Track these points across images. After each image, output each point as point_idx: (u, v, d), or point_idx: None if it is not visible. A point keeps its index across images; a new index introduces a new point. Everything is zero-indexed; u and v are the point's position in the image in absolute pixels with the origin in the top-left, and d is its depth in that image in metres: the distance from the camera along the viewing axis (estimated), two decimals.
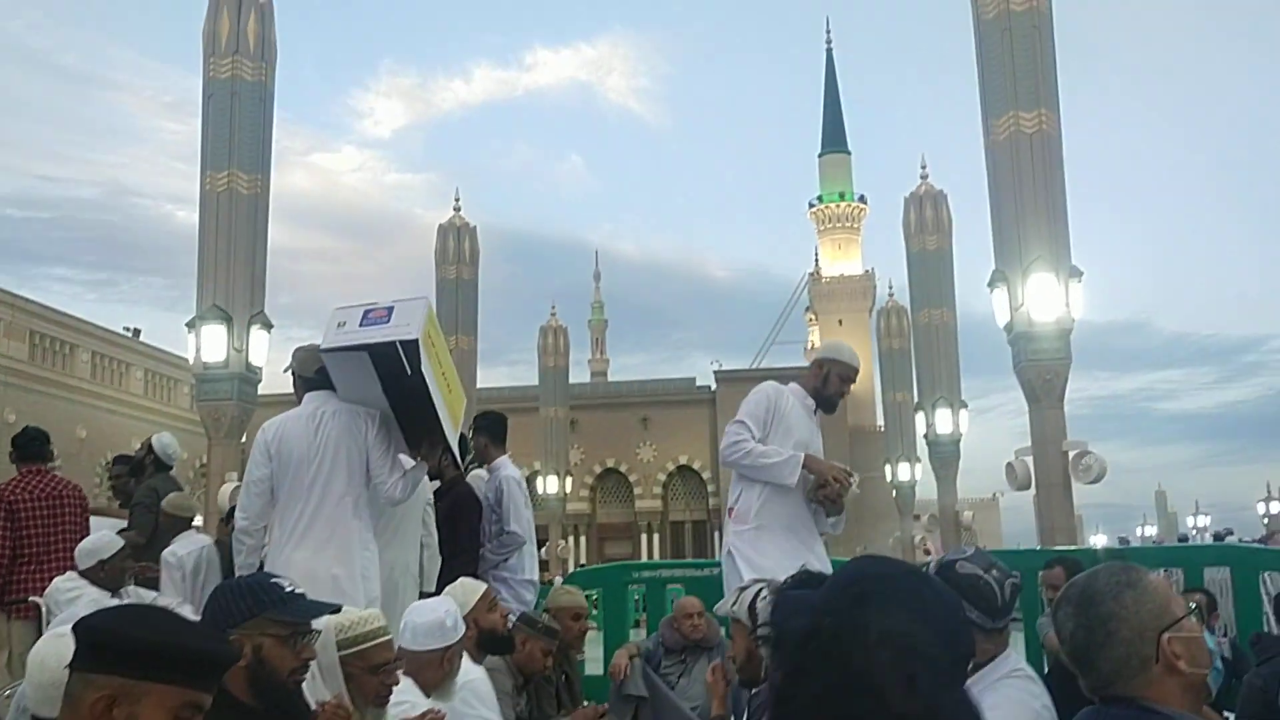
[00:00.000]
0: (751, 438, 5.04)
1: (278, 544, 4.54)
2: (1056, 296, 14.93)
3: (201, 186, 17.46)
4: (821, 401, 5.36)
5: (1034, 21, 15.72)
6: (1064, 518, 14.94)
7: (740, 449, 5.03)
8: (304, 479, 4.54)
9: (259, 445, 4.64)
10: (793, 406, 5.24)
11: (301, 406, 4.70)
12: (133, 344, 42.26)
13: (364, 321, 4.37)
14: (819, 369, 5.35)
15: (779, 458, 4.98)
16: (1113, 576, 2.03)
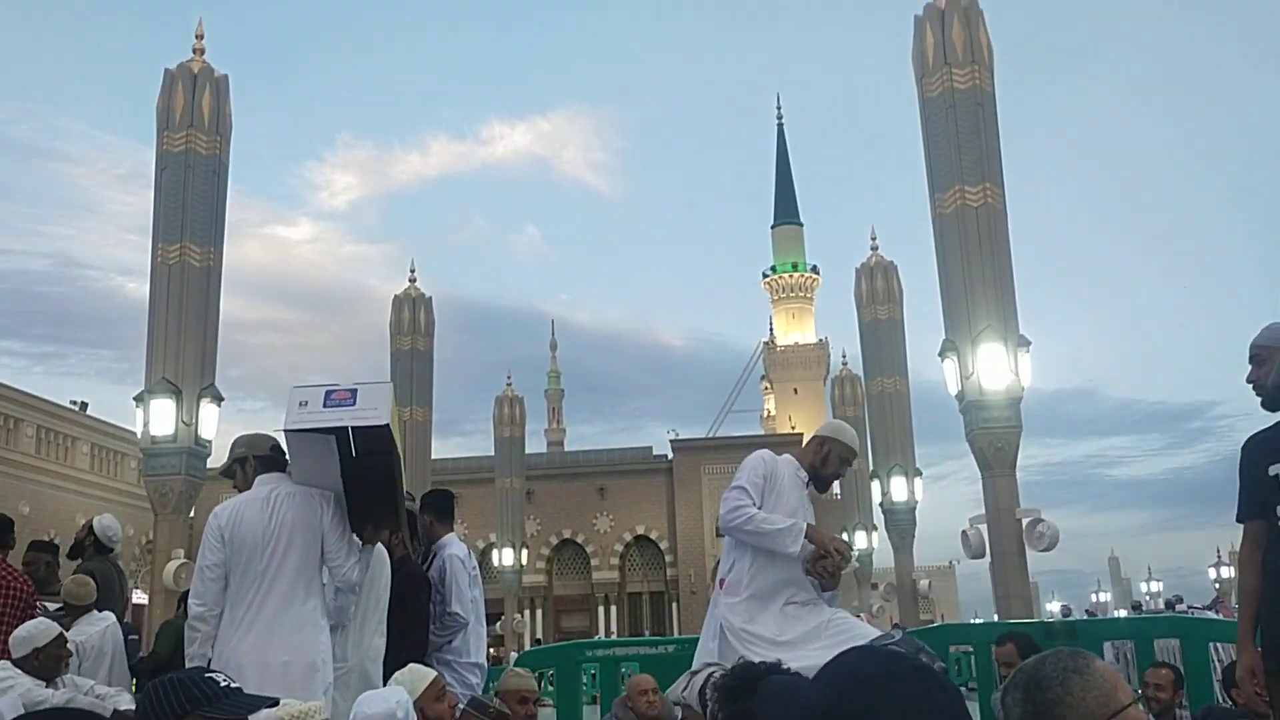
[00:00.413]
0: (752, 503, 4.96)
1: (227, 630, 4.42)
2: (1005, 365, 15.15)
3: (153, 259, 17.33)
4: (817, 479, 5.30)
5: (977, 99, 16.17)
6: (1019, 585, 15.00)
7: (742, 514, 4.93)
8: (258, 564, 4.45)
9: (212, 530, 4.54)
10: (787, 477, 5.18)
11: (255, 490, 4.62)
12: (79, 417, 41.46)
13: (327, 403, 4.33)
14: (820, 446, 5.28)
15: (781, 525, 4.91)
16: (1060, 662, 2.03)
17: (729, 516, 4.96)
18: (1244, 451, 3.94)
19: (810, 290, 70.51)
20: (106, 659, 5.94)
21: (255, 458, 4.73)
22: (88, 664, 5.86)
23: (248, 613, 4.42)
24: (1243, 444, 3.99)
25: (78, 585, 6.82)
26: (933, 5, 16.75)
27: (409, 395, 28.47)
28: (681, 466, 53.01)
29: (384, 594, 5.47)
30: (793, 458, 5.28)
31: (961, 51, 16.27)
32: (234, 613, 4.44)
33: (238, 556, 4.46)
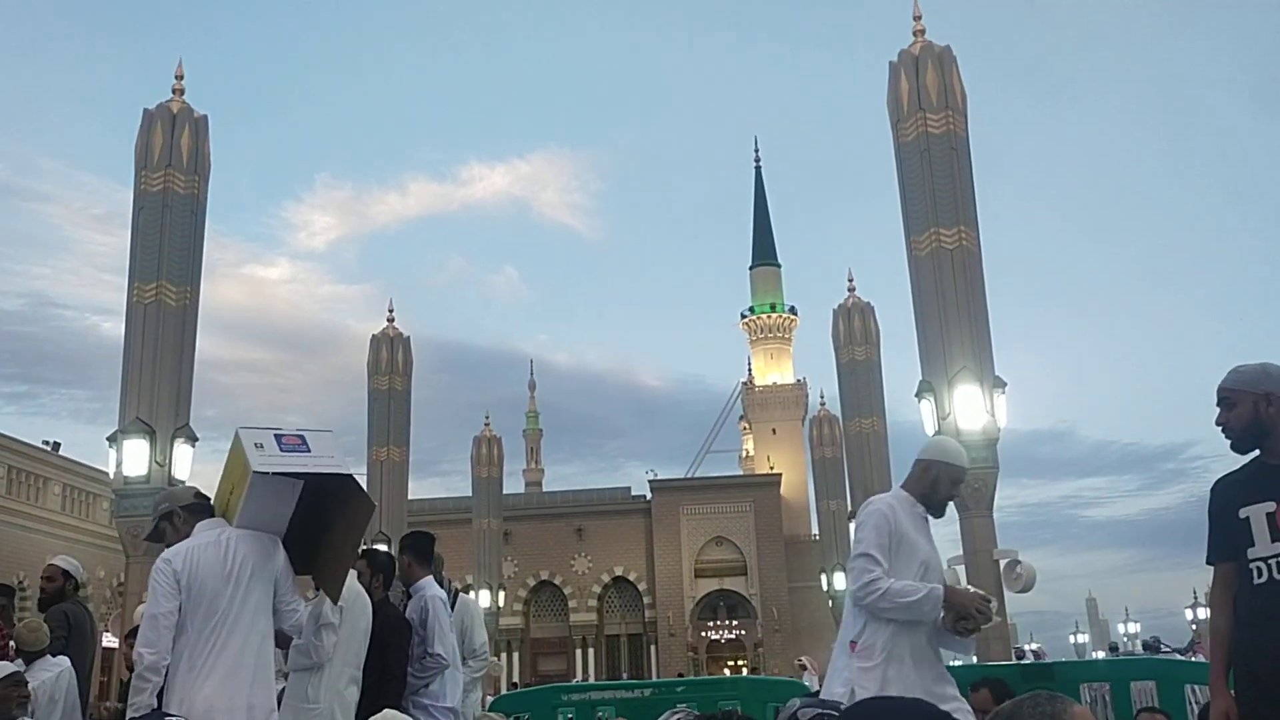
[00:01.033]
0: (883, 571, 4.57)
1: (186, 677, 4.32)
2: (982, 406, 15.25)
3: (129, 298, 17.25)
4: (931, 507, 4.91)
5: (951, 144, 16.41)
6: (997, 627, 14.98)
7: (876, 589, 4.54)
8: (218, 607, 4.38)
9: (165, 575, 4.39)
10: (907, 520, 4.80)
11: (202, 534, 4.50)
12: (51, 458, 40.99)
13: (283, 447, 4.34)
14: (925, 471, 4.90)
15: (919, 594, 4.53)
16: (1038, 707, 2.04)
17: (862, 593, 4.58)
18: (1213, 494, 3.94)
19: (788, 331, 70.87)
20: (59, 706, 5.85)
21: (182, 508, 4.62)
22: (40, 711, 5.77)
23: (209, 657, 4.33)
24: (1212, 486, 3.99)
25: (29, 631, 6.71)
26: (907, 51, 17.03)
27: (386, 435, 28.33)
28: (660, 507, 52.89)
29: (362, 640, 5.43)
30: (904, 492, 4.93)
31: (935, 97, 16.53)
32: (193, 659, 4.33)
33: (196, 601, 4.37)
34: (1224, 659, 3.78)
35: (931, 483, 4.86)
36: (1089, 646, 59.61)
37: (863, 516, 4.80)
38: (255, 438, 4.39)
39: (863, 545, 4.67)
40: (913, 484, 4.92)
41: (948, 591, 4.56)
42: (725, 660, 52.10)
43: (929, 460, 4.91)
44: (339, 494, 4.39)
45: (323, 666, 5.33)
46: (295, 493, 4.40)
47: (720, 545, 52.46)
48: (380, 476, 27.97)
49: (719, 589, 52.38)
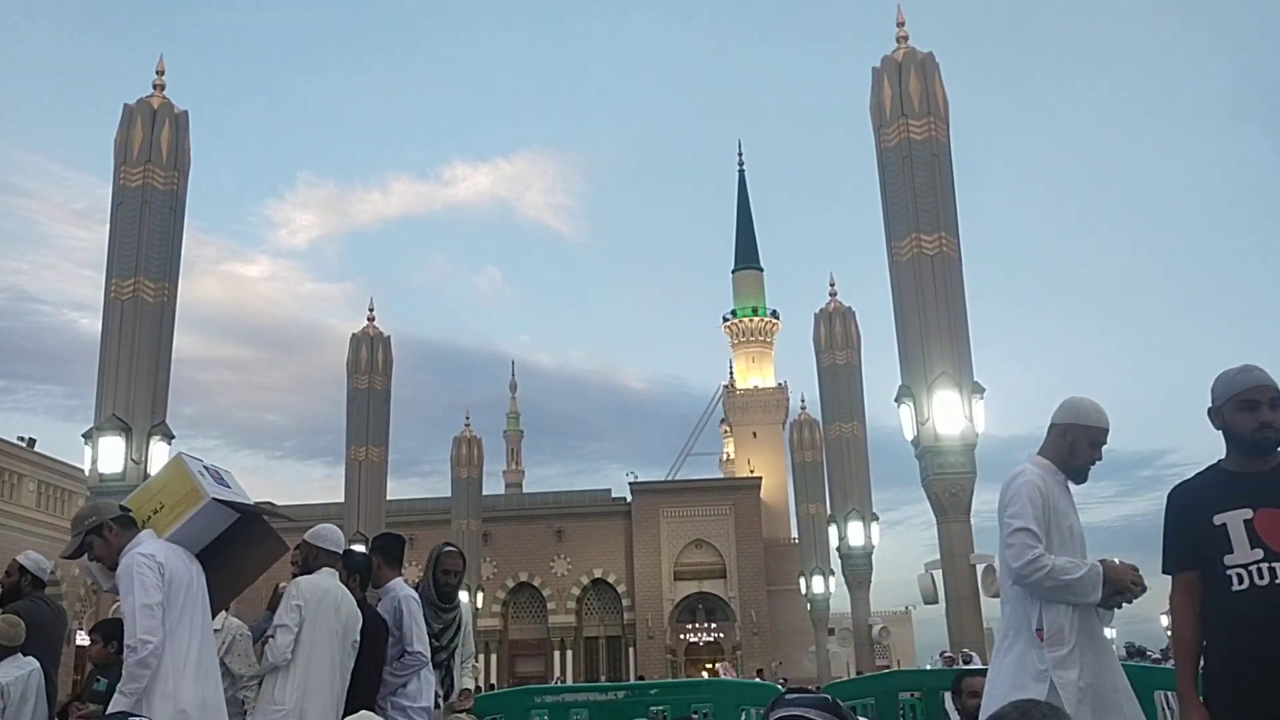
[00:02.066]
0: (1042, 546, 4.27)
1: (168, 672, 4.30)
2: (960, 412, 15.33)
3: (106, 294, 17.15)
4: (1071, 473, 4.57)
5: (933, 150, 16.49)
6: (974, 631, 15.06)
7: (1039, 566, 4.24)
8: (190, 606, 4.41)
9: (149, 566, 4.33)
10: (1056, 490, 4.48)
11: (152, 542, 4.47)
12: (26, 454, 40.66)
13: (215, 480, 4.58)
14: (1062, 437, 4.56)
15: (1081, 571, 4.26)
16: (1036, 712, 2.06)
17: (1025, 569, 4.25)
18: (1175, 501, 3.86)
19: (770, 335, 71.01)
20: (30, 704, 5.79)
21: (113, 521, 4.54)
22: (12, 708, 5.72)
23: (188, 654, 4.35)
24: (1170, 493, 3.91)
25: (9, 625, 6.63)
26: (890, 57, 17.11)
27: (365, 435, 28.25)
28: (640, 509, 52.87)
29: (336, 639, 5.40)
30: (1044, 459, 4.60)
31: (918, 103, 16.61)
32: (175, 654, 4.33)
33: (175, 596, 4.38)
34: (1192, 671, 3.73)
35: (1069, 448, 4.54)
36: None
37: (1012, 490, 4.45)
38: (196, 466, 4.54)
39: (1019, 519, 4.32)
40: (1050, 450, 4.61)
41: (1106, 567, 4.31)
42: (704, 663, 52.09)
43: (1065, 424, 4.57)
44: (256, 533, 4.59)
45: (285, 667, 5.31)
46: (225, 523, 4.56)
47: (700, 548, 52.48)
48: (359, 476, 27.88)
49: (698, 592, 52.39)
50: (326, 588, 5.56)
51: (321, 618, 5.40)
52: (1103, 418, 4.53)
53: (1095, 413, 4.54)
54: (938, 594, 15.11)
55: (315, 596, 5.47)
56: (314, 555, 5.77)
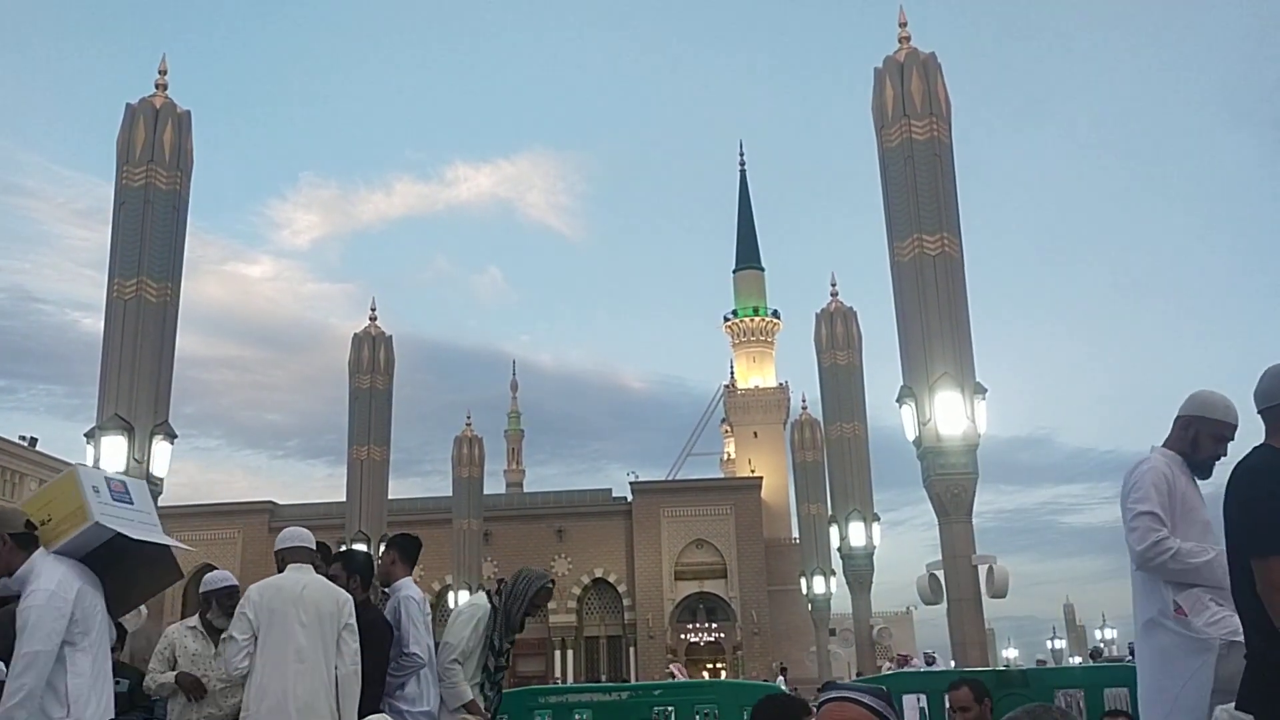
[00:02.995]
0: (1168, 530, 4.16)
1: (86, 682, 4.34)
2: (962, 412, 15.31)
3: (109, 294, 17.13)
4: (1195, 468, 4.44)
5: (935, 150, 16.47)
6: (976, 631, 15.04)
7: (1164, 549, 4.12)
8: (99, 629, 4.48)
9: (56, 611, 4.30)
10: (1185, 482, 4.36)
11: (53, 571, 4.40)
12: (27, 453, 40.72)
13: (113, 495, 4.49)
14: (1184, 430, 4.44)
15: (1209, 555, 4.12)
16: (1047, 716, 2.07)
17: (1150, 553, 4.14)
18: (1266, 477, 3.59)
19: (771, 334, 71.00)
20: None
21: (12, 535, 4.45)
22: None
23: (102, 664, 4.45)
24: (1245, 473, 3.66)
25: None
26: (892, 58, 17.10)
27: (367, 434, 28.25)
28: (641, 509, 52.87)
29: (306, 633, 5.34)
30: (1168, 450, 4.46)
31: (920, 104, 16.60)
32: (96, 664, 4.41)
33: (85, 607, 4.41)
34: None
35: (1192, 441, 4.40)
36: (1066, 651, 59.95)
37: (1135, 476, 4.34)
38: (92, 479, 4.54)
39: (1143, 503, 4.22)
40: (1174, 443, 4.47)
41: None
42: (704, 663, 52.10)
43: (1189, 416, 4.44)
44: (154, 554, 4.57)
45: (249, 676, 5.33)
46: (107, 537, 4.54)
47: (700, 548, 52.48)
48: (360, 475, 27.89)
49: (699, 591, 52.39)
50: (281, 583, 5.54)
51: (278, 616, 5.37)
52: (1229, 412, 4.38)
53: (1222, 406, 4.39)
54: (938, 595, 15.09)
55: (267, 597, 5.45)
56: (280, 560, 5.75)
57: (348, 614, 5.52)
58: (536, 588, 6.40)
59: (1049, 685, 7.10)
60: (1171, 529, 4.20)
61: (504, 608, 6.30)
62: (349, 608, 5.55)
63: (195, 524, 52.25)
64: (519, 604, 6.34)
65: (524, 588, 6.37)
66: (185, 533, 52.63)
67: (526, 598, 6.35)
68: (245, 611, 5.42)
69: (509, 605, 6.32)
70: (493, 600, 6.32)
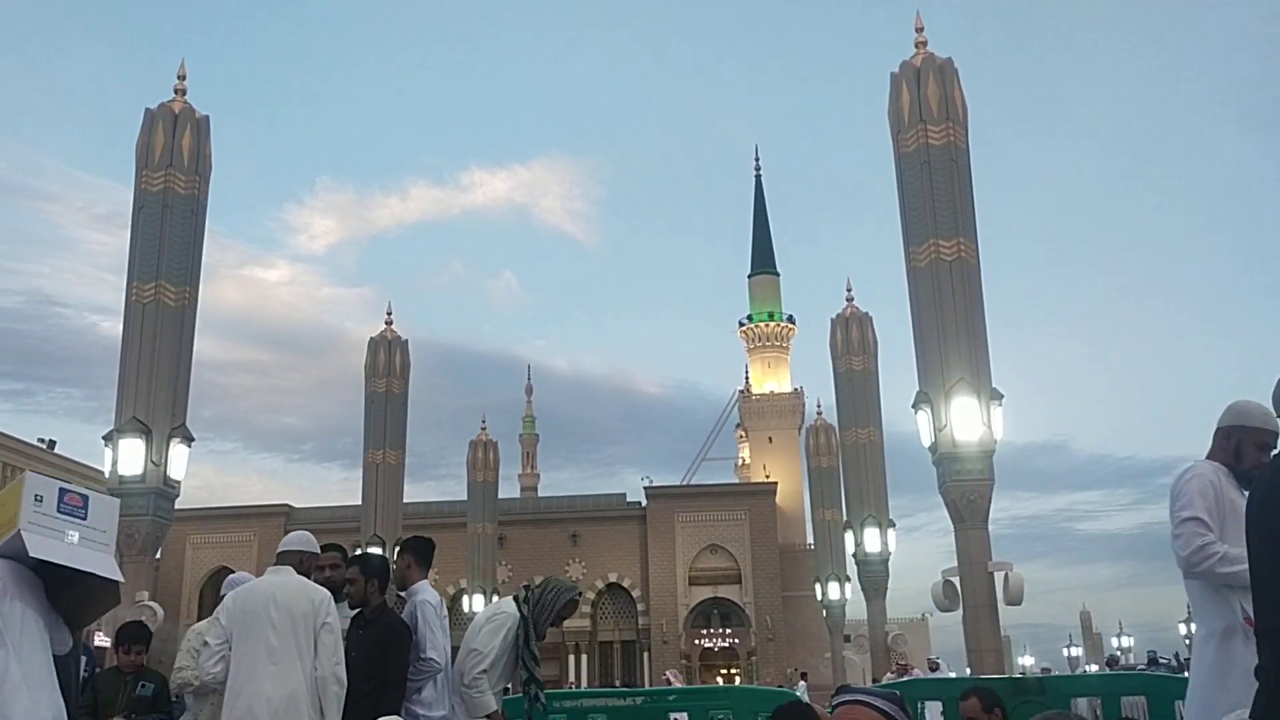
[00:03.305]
0: (1215, 536, 4.11)
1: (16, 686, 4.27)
2: (978, 418, 15.24)
3: (127, 297, 17.24)
4: (1240, 477, 4.37)
5: (951, 155, 16.42)
6: (991, 639, 14.97)
7: (1210, 553, 4.06)
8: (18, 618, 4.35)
9: None
10: (1233, 492, 4.30)
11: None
12: (46, 455, 40.99)
13: (62, 506, 4.27)
14: (1226, 439, 4.39)
15: None
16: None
17: (1195, 558, 4.09)
18: None
19: (786, 340, 70.90)
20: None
21: None
22: None
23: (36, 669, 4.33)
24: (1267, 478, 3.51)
25: None
26: (909, 63, 17.06)
27: (382, 438, 28.32)
28: (655, 514, 52.84)
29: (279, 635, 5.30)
30: (1213, 461, 4.42)
31: (936, 108, 16.55)
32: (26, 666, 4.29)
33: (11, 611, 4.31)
34: None
35: (1235, 451, 4.36)
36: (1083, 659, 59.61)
37: (1180, 484, 4.30)
38: (39, 488, 4.29)
39: (1189, 509, 4.17)
40: (1216, 454, 4.43)
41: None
42: (719, 668, 52.03)
43: (1229, 426, 4.40)
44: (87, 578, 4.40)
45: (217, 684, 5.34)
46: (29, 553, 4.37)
47: (715, 553, 52.41)
48: (376, 479, 27.96)
49: (713, 597, 52.31)
50: (255, 587, 5.55)
51: (251, 619, 5.39)
52: (1270, 419, 4.31)
53: (1260, 414, 4.34)
54: (954, 602, 15.01)
55: (240, 601, 5.46)
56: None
57: (325, 613, 5.46)
58: (565, 599, 6.33)
59: (1065, 693, 7.07)
60: (1219, 535, 4.13)
61: (532, 616, 6.24)
62: (326, 607, 5.49)
63: (212, 526, 52.51)
64: (547, 614, 6.28)
65: (552, 598, 6.31)
66: (202, 535, 52.87)
67: (555, 609, 6.29)
68: (219, 616, 5.44)
69: (536, 615, 6.26)
70: (521, 608, 6.23)
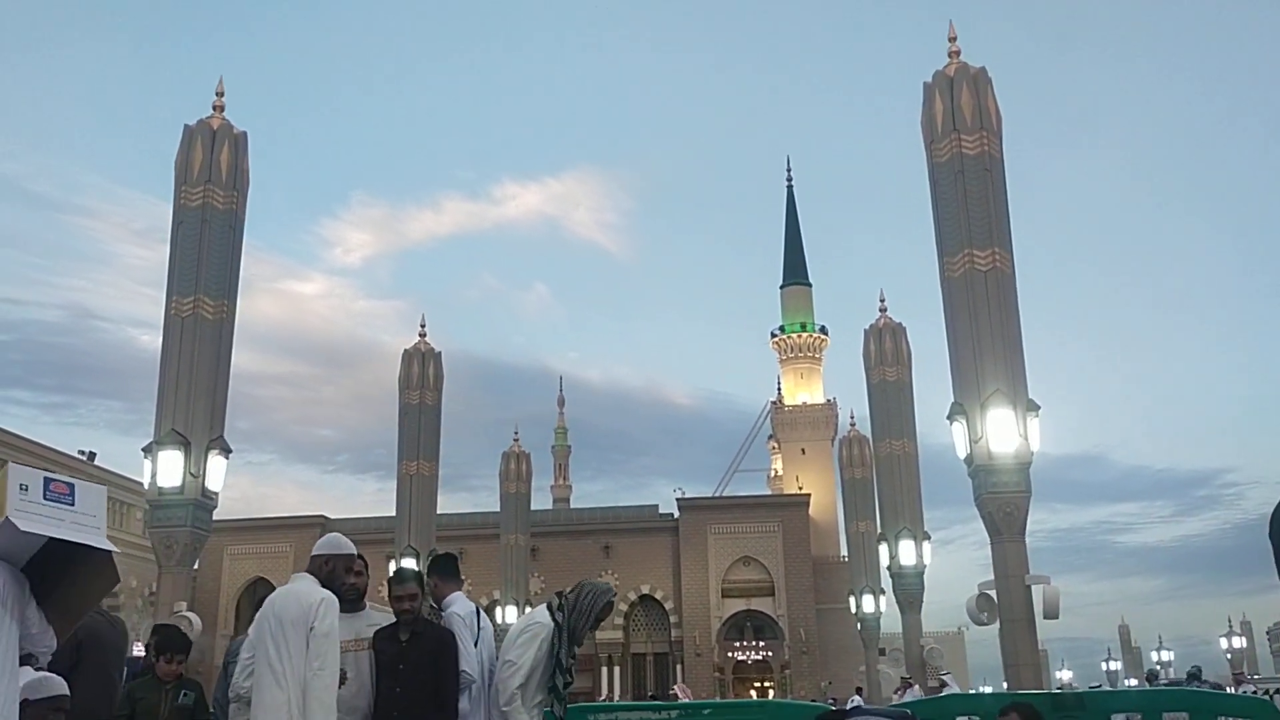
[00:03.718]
0: None
1: None
2: (1014, 430, 15.09)
3: (166, 311, 17.45)
4: None
5: (985, 164, 16.31)
6: (1028, 653, 14.79)
7: None
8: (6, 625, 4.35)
9: None
10: None
11: None
12: (87, 467, 41.53)
13: (48, 495, 4.26)
14: None
15: None
16: None
17: None
18: None
19: (818, 351, 70.61)
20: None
21: None
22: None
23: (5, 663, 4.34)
24: None
25: None
26: (941, 72, 16.98)
27: (416, 449, 28.46)
28: (688, 525, 52.71)
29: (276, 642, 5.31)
30: None
31: (970, 118, 16.46)
32: None
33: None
34: None
35: None
36: (1122, 674, 58.78)
37: None
38: (23, 477, 4.29)
39: None
40: None
41: None
42: (751, 681, 51.76)
43: None
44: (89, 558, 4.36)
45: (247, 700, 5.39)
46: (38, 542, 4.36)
47: (747, 565, 52.20)
48: (410, 491, 28.09)
49: (746, 609, 52.08)
50: (270, 598, 5.59)
51: (259, 631, 5.43)
52: None
53: None
54: (990, 615, 14.84)
55: (258, 614, 5.52)
56: None
57: (318, 617, 5.36)
58: (602, 602, 6.27)
59: (1105, 709, 6.97)
60: None
61: (568, 623, 6.16)
62: (320, 610, 5.38)
63: (248, 537, 52.95)
64: (584, 619, 6.21)
65: (589, 602, 6.25)
66: (239, 546, 53.34)
67: (592, 613, 6.23)
68: (250, 630, 5.54)
69: (574, 621, 6.19)
70: (555, 616, 6.17)
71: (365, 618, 6.05)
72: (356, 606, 6.02)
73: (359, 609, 6.06)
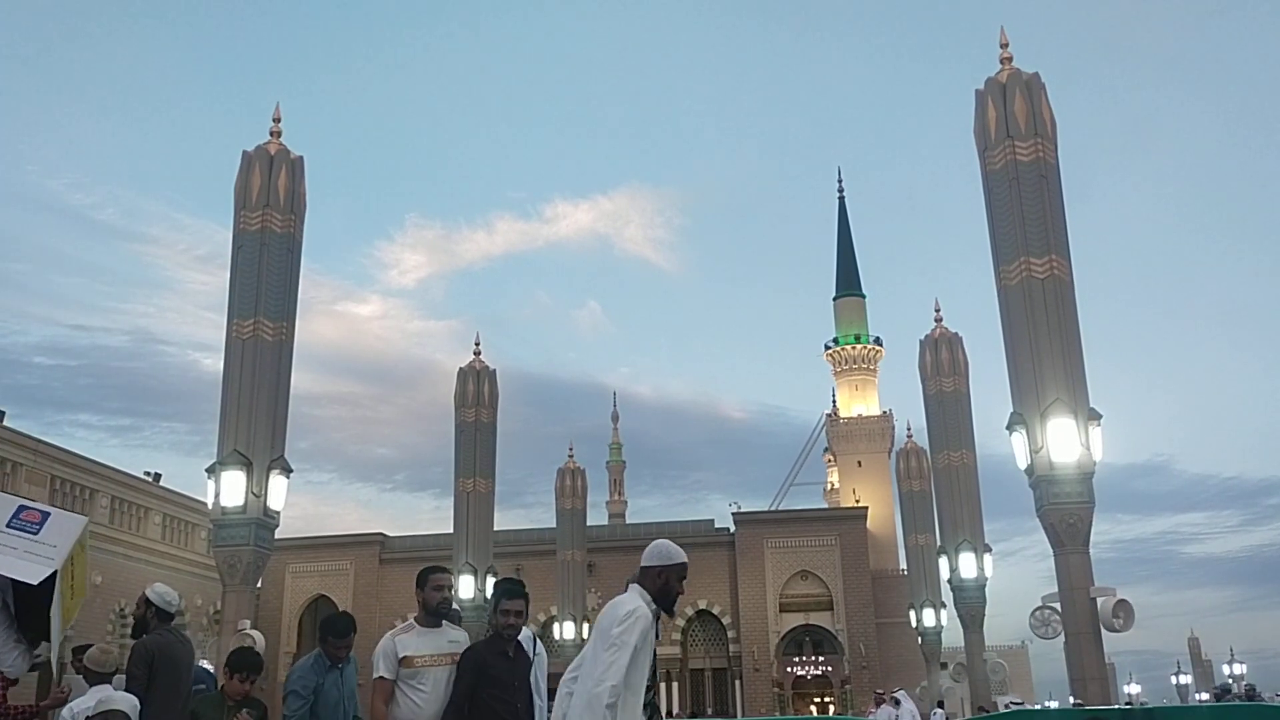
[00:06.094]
0: None
1: None
2: (1076, 439, 14.84)
3: (228, 334, 17.80)
4: None
5: (1041, 171, 16.10)
6: (1095, 667, 14.49)
7: None
8: None
9: None
10: None
11: None
12: (152, 488, 42.34)
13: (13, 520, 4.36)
14: None
15: None
16: None
17: None
18: None
19: (873, 362, 69.96)
20: None
21: None
22: None
23: None
24: None
25: (101, 653, 6.90)
26: (994, 79, 16.81)
27: (472, 467, 28.66)
28: (744, 540, 52.41)
29: None
30: None
31: (1024, 124, 16.27)
32: None
33: None
34: None
35: None
36: (1192, 687, 57.32)
37: None
38: None
39: None
40: None
41: None
42: (811, 697, 51.20)
43: None
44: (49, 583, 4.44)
45: None
46: None
47: (805, 579, 51.74)
48: (467, 508, 28.29)
49: (804, 624, 51.58)
50: None
51: None
52: None
53: None
54: (1053, 629, 14.57)
55: None
56: None
57: None
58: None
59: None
60: None
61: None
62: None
63: (310, 555, 53.57)
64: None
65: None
66: (300, 564, 53.99)
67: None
68: None
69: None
70: None
71: (445, 633, 6.01)
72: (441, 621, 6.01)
73: (439, 624, 6.02)
